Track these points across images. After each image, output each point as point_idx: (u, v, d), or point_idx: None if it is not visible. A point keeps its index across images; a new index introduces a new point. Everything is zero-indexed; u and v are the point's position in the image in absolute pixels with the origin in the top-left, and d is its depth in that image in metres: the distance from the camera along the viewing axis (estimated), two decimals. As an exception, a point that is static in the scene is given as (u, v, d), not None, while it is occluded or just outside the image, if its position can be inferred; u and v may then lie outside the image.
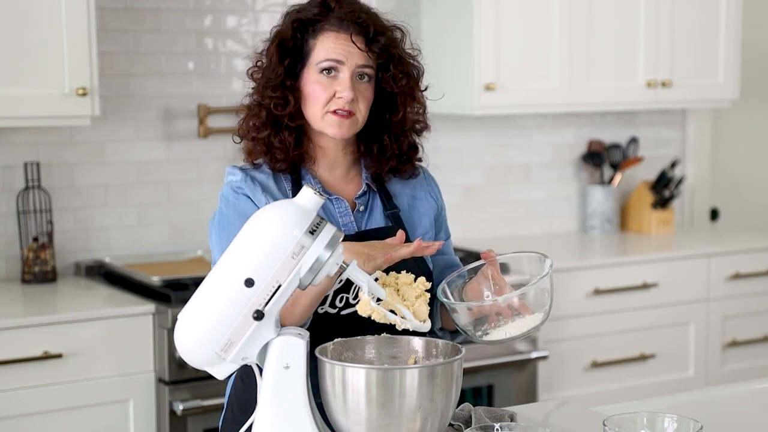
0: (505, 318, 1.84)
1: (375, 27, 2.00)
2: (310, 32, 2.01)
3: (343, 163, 2.08)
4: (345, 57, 1.98)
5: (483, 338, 1.85)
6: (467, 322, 1.85)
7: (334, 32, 1.99)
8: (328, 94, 1.99)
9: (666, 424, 1.67)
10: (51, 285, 3.39)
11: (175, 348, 1.67)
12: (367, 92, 2.02)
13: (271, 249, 1.62)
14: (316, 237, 1.63)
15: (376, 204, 2.09)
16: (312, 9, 2.02)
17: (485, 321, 1.85)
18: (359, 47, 1.99)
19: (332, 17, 2.00)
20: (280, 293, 1.63)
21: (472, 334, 1.86)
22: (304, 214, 1.64)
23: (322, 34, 2.00)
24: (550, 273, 1.82)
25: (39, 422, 2.97)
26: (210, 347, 1.63)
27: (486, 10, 3.79)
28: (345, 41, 1.98)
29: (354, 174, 2.10)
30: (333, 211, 2.04)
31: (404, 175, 2.12)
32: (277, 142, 2.03)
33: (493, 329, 1.85)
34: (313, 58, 2.00)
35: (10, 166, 3.44)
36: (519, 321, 1.84)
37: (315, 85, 1.99)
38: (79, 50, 3.17)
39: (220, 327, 1.62)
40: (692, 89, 4.29)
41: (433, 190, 2.17)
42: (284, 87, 2.01)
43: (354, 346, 1.78)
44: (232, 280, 1.63)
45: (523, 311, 1.83)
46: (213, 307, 1.63)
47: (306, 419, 1.66)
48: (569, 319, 3.78)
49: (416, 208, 2.13)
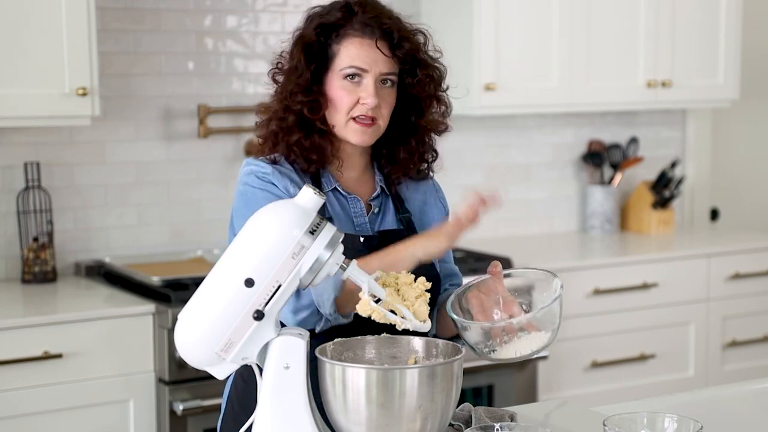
0: (509, 334, 1.84)
1: (399, 33, 1.99)
2: (334, 37, 1.99)
3: (359, 165, 2.08)
4: (369, 65, 1.97)
5: (491, 355, 1.84)
6: (478, 340, 1.85)
7: (359, 38, 1.98)
8: (352, 101, 1.98)
9: (666, 424, 1.67)
10: (51, 285, 3.39)
11: (176, 348, 1.67)
12: (390, 97, 2.01)
13: (272, 249, 1.62)
14: (316, 237, 1.63)
15: (388, 207, 2.09)
16: (335, 13, 2.00)
17: (490, 336, 1.85)
18: (384, 53, 1.97)
19: (356, 22, 1.98)
20: (280, 293, 1.63)
21: (480, 351, 1.85)
22: (304, 214, 1.64)
23: (346, 40, 1.98)
24: (561, 294, 1.81)
25: (39, 422, 2.97)
26: (210, 347, 1.63)
27: (486, 10, 3.79)
28: (369, 47, 1.97)
29: (368, 176, 2.10)
30: (349, 211, 2.04)
31: (418, 176, 2.13)
32: (309, 144, 2.01)
33: (499, 345, 1.84)
34: (337, 63, 1.99)
35: (10, 166, 3.44)
36: (526, 339, 1.83)
37: (339, 91, 1.98)
38: (79, 50, 3.17)
39: (220, 327, 1.62)
40: (692, 89, 4.29)
41: (442, 197, 2.19)
42: (313, 91, 2.00)
43: (354, 346, 1.78)
44: (232, 280, 1.63)
45: (529, 328, 1.83)
46: (213, 307, 1.63)
47: (306, 419, 1.66)
48: (569, 319, 3.78)
49: (426, 213, 2.13)
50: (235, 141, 3.78)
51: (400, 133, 2.07)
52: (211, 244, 3.73)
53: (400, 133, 2.07)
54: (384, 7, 2.04)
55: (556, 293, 1.82)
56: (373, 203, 2.08)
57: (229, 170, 3.77)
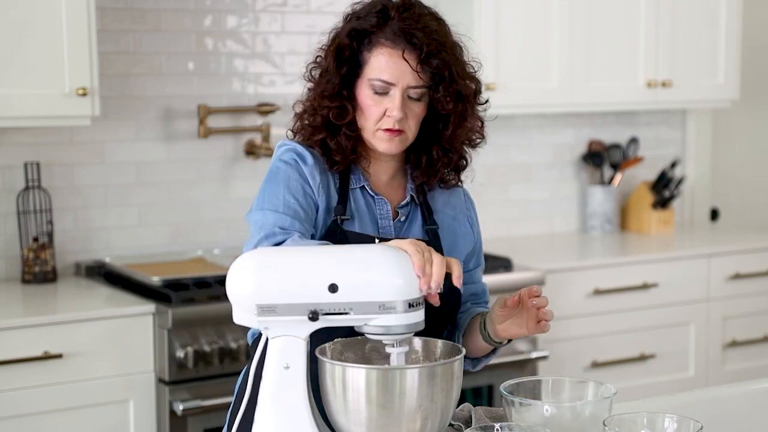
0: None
1: (428, 47, 1.93)
2: (366, 43, 1.96)
3: (390, 168, 2.06)
4: (396, 78, 1.94)
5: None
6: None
7: (388, 48, 1.94)
8: (380, 111, 1.96)
9: (666, 424, 1.67)
10: (51, 285, 3.39)
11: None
12: (418, 109, 1.98)
13: (370, 287, 1.63)
14: (408, 311, 1.64)
15: (416, 216, 2.07)
16: (370, 18, 1.97)
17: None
18: (411, 66, 1.93)
19: (388, 30, 1.94)
20: (341, 318, 1.64)
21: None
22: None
23: (377, 49, 1.95)
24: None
25: (39, 422, 2.97)
26: (257, 296, 1.64)
27: (486, 10, 3.80)
28: (397, 59, 1.93)
29: (399, 182, 2.08)
30: (375, 211, 2.03)
31: (448, 184, 2.11)
32: (334, 145, 2.00)
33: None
34: (367, 71, 1.96)
35: (10, 166, 3.44)
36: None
37: (367, 100, 1.96)
38: (79, 50, 3.17)
39: (279, 294, 1.64)
40: (692, 89, 4.29)
41: (470, 216, 2.15)
42: (341, 96, 1.98)
43: (354, 346, 1.78)
44: (323, 274, 1.63)
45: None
46: (294, 279, 1.64)
47: (306, 419, 1.66)
48: (569, 319, 3.78)
49: (454, 230, 2.10)
50: (235, 141, 3.78)
51: (425, 141, 2.04)
52: (211, 244, 3.73)
53: (425, 141, 2.04)
54: (424, 13, 1.98)
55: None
56: (401, 210, 2.05)
57: (229, 170, 3.77)
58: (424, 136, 2.03)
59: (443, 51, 1.95)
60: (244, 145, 3.77)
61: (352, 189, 2.02)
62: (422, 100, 1.97)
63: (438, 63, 1.94)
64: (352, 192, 2.02)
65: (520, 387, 1.79)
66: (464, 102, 2.00)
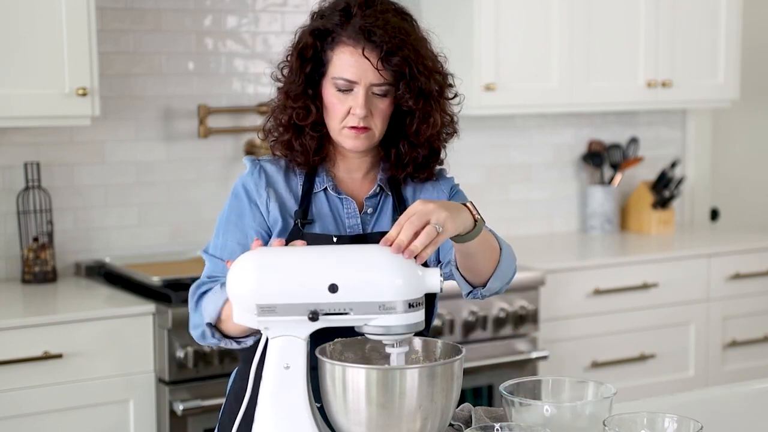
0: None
1: (388, 45, 1.92)
2: (329, 42, 1.96)
3: (364, 164, 2.06)
4: (358, 77, 1.93)
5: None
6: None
7: (349, 47, 1.94)
8: (345, 109, 1.95)
9: (666, 424, 1.67)
10: (51, 285, 3.39)
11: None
12: (383, 105, 1.97)
13: (370, 287, 1.63)
14: (408, 312, 1.64)
15: (386, 207, 2.06)
16: (333, 17, 1.96)
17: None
18: (372, 63, 1.93)
19: (350, 28, 1.94)
20: (341, 318, 1.64)
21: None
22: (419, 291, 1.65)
23: (339, 48, 1.95)
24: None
25: (39, 422, 2.97)
26: (258, 296, 1.64)
27: (486, 10, 3.79)
28: (358, 57, 1.93)
29: (373, 176, 2.08)
30: (341, 212, 2.03)
31: (420, 178, 2.09)
32: (298, 146, 2.01)
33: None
34: (330, 70, 1.96)
35: (10, 166, 3.44)
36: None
37: (332, 98, 1.96)
38: (79, 50, 3.17)
39: (280, 295, 1.63)
40: (692, 89, 4.29)
41: (441, 188, 2.12)
42: (306, 96, 1.98)
43: (354, 346, 1.78)
44: (323, 274, 1.63)
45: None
46: (294, 278, 1.64)
47: (306, 419, 1.66)
48: (569, 319, 3.78)
49: None
50: (235, 141, 3.78)
51: (393, 136, 2.04)
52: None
53: (393, 136, 2.04)
54: (387, 10, 1.98)
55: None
56: (367, 203, 2.05)
57: (229, 170, 3.77)
58: (392, 131, 2.03)
59: (404, 48, 1.94)
60: (244, 145, 3.77)
61: (315, 192, 2.03)
62: (388, 96, 1.97)
63: (398, 60, 1.93)
64: (315, 195, 2.03)
65: (520, 387, 1.79)
66: (427, 98, 1.98)
